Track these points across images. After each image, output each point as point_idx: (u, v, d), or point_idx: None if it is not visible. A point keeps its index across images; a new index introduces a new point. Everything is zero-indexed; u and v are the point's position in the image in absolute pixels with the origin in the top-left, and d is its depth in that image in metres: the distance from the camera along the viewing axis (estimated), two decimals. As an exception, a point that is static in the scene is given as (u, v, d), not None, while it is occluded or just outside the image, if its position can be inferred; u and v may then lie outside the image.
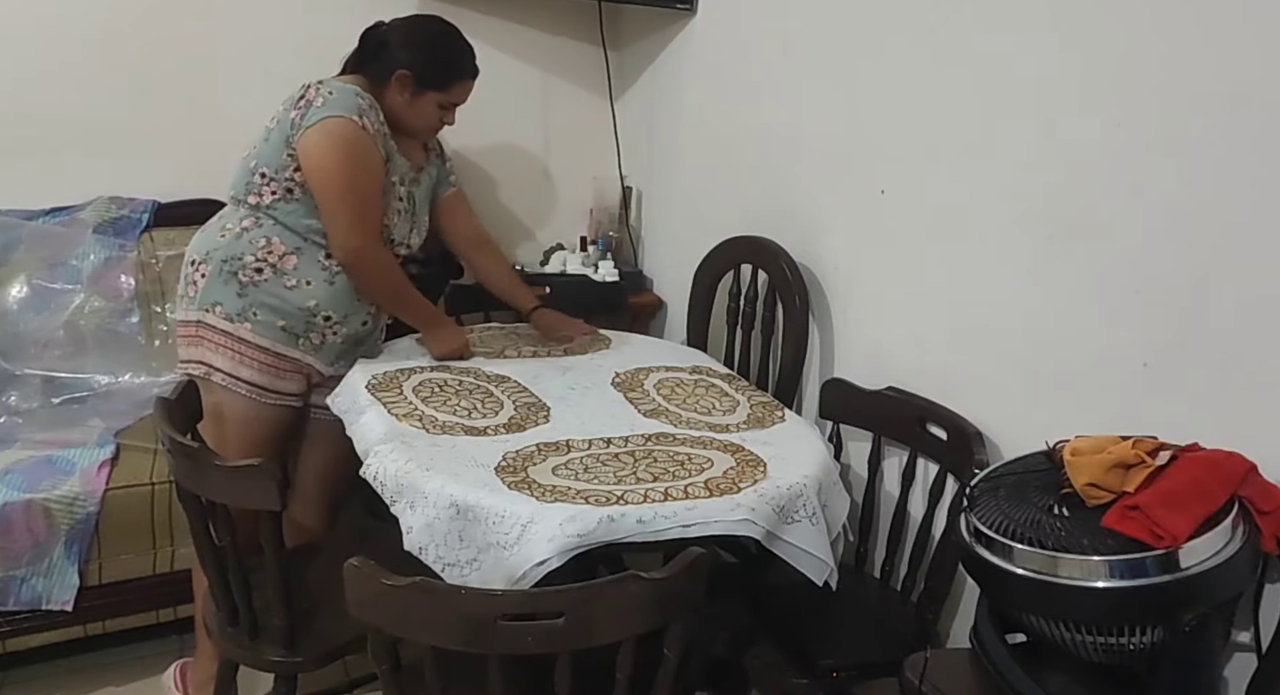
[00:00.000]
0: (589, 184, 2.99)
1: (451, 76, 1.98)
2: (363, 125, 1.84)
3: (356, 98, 1.85)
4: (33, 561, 1.96)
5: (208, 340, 1.89)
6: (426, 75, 1.95)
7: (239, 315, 1.88)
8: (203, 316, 1.89)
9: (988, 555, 1.25)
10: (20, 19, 2.40)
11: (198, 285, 1.90)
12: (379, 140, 1.88)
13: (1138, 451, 1.24)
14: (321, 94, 1.84)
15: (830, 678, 1.63)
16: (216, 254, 1.89)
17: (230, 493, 1.51)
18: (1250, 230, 1.31)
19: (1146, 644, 1.18)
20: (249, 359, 1.89)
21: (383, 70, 1.95)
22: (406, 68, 1.93)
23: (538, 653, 1.15)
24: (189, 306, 1.91)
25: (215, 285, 1.88)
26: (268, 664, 1.66)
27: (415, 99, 1.96)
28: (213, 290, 1.88)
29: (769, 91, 2.34)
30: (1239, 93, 1.31)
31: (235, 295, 1.88)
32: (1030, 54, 1.63)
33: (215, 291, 1.88)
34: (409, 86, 1.95)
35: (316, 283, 1.91)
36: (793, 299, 2.16)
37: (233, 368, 1.89)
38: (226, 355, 1.89)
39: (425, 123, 2.02)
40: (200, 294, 1.89)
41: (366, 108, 1.86)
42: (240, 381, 1.89)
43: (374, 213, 1.89)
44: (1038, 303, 1.65)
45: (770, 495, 1.45)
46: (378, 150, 1.88)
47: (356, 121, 1.83)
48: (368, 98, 1.88)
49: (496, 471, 1.49)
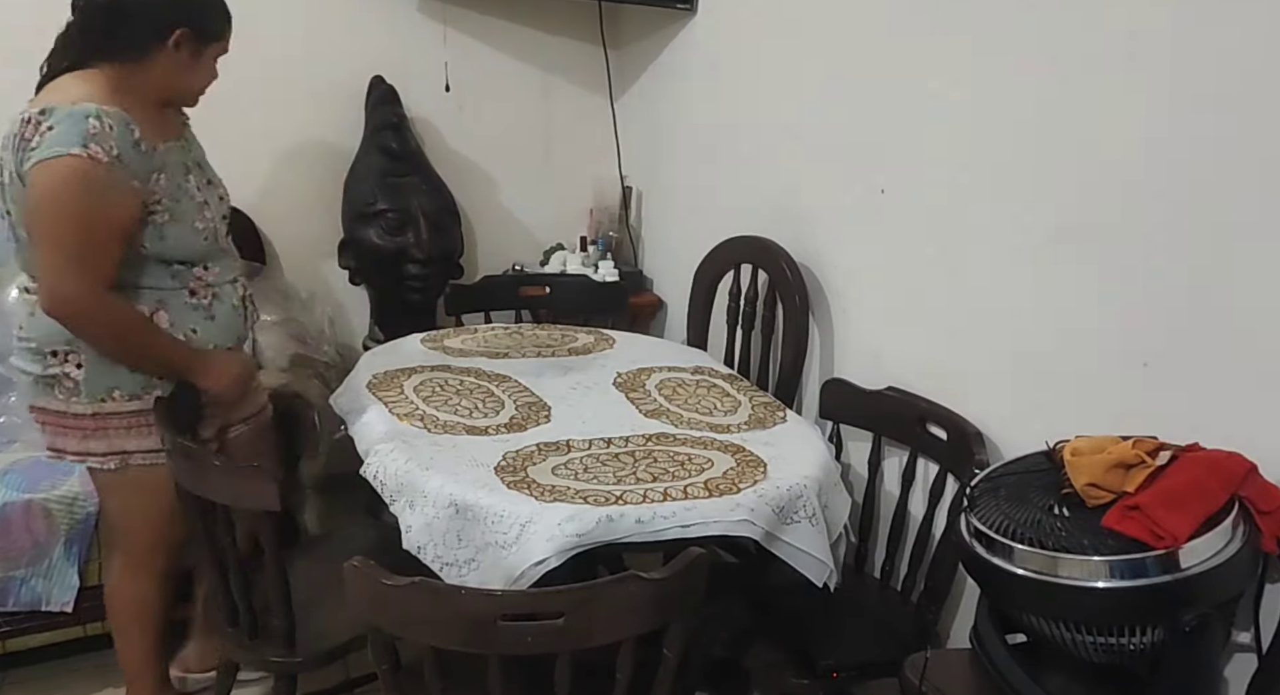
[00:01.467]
0: (589, 184, 2.99)
1: (226, 24, 1.71)
2: (91, 155, 1.49)
3: (86, 121, 1.50)
4: (32, 562, 1.96)
5: (114, 428, 1.68)
6: (207, 27, 1.66)
7: (145, 388, 1.67)
8: (100, 407, 1.65)
9: (988, 555, 1.25)
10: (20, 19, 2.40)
11: (75, 377, 1.64)
12: (127, 163, 1.54)
13: (1138, 451, 1.24)
14: (40, 130, 1.51)
15: (830, 678, 1.63)
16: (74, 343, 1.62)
17: (229, 493, 1.51)
18: (1249, 230, 1.31)
19: (1147, 644, 1.18)
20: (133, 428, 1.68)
21: (140, 44, 1.60)
22: (184, 25, 1.61)
23: (537, 653, 1.15)
24: (72, 399, 1.65)
25: (102, 371, 1.64)
26: (268, 664, 1.65)
27: (197, 60, 1.66)
28: (101, 377, 1.64)
29: (769, 92, 2.34)
30: (1239, 93, 1.31)
31: (129, 372, 1.65)
32: (1029, 54, 1.63)
33: (106, 378, 1.64)
34: (188, 46, 1.63)
35: (200, 325, 1.71)
36: (793, 299, 2.16)
37: (153, 443, 1.67)
38: (143, 433, 1.68)
39: (204, 82, 1.72)
40: (87, 385, 1.64)
41: (99, 129, 1.51)
42: (164, 452, 1.63)
43: (102, 256, 1.56)
44: (1038, 303, 1.65)
45: (770, 496, 1.45)
46: (118, 181, 1.54)
47: (82, 155, 1.49)
48: (106, 115, 1.52)
49: (496, 471, 1.49)
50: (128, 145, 1.55)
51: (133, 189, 1.57)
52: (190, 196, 1.69)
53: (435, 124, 2.87)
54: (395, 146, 2.63)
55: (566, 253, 2.95)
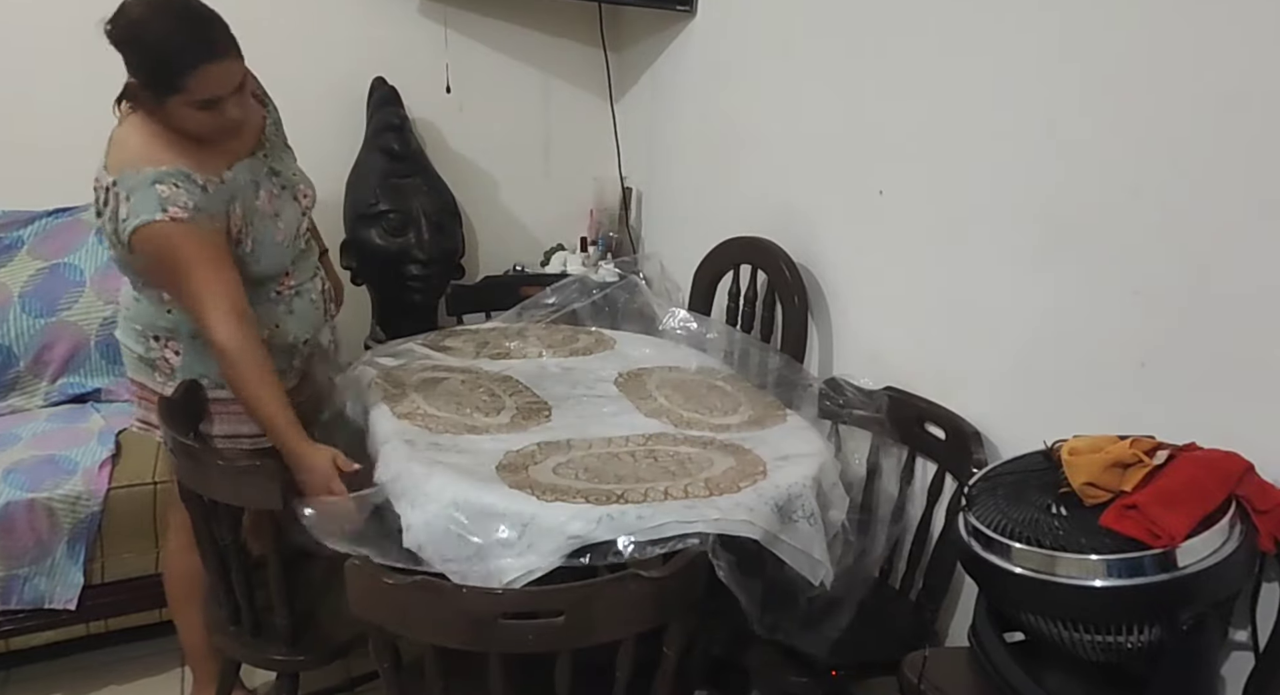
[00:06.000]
0: (589, 184, 3.00)
1: (176, 72, 1.51)
2: (172, 217, 1.52)
3: (152, 189, 1.53)
4: (36, 560, 1.97)
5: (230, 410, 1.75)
6: (152, 82, 1.55)
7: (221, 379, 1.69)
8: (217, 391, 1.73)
9: (986, 554, 1.26)
10: (21, 19, 2.41)
11: (171, 363, 1.73)
12: (199, 212, 1.56)
13: (1135, 451, 1.24)
14: (121, 201, 1.55)
15: (830, 676, 1.63)
16: (181, 329, 1.70)
17: (232, 492, 1.52)
18: (1247, 230, 1.32)
19: (1144, 642, 1.19)
20: (243, 415, 1.70)
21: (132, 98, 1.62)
22: (135, 78, 1.56)
23: (538, 651, 1.15)
24: (166, 382, 1.74)
25: (194, 359, 1.72)
26: (270, 662, 1.66)
27: (165, 112, 1.57)
28: (194, 365, 1.72)
29: (768, 92, 2.35)
30: (1237, 93, 1.32)
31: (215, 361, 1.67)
32: (1028, 54, 1.64)
33: (197, 365, 1.72)
34: (148, 102, 1.57)
35: (282, 319, 1.78)
36: (792, 299, 2.16)
37: (233, 428, 1.77)
38: (223, 419, 1.76)
39: (206, 127, 1.60)
40: (180, 371, 1.73)
41: (167, 192, 1.53)
42: (243, 437, 1.77)
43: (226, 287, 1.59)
44: (1036, 302, 1.65)
45: (769, 495, 1.46)
46: (203, 227, 1.57)
47: (164, 219, 1.52)
48: (166, 177, 1.54)
49: (497, 470, 1.50)
50: (196, 193, 1.57)
51: (216, 229, 1.61)
52: (262, 214, 1.72)
53: (436, 125, 2.88)
54: (397, 147, 2.63)
55: (566, 253, 2.96)
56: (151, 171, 1.55)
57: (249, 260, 1.69)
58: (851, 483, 1.97)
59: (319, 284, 1.88)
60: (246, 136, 1.73)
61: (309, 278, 1.85)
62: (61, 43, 2.43)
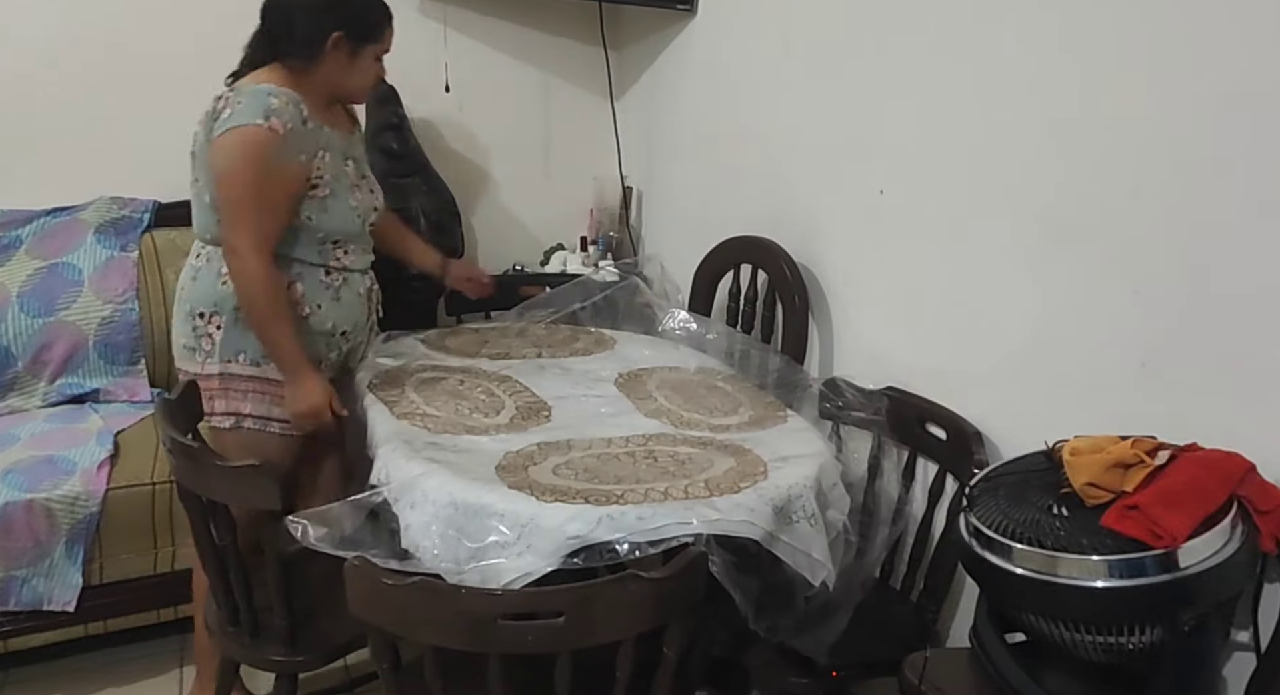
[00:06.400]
0: (589, 184, 2.99)
1: (382, 23, 1.89)
2: (270, 127, 1.70)
3: (268, 98, 1.72)
4: (34, 561, 1.97)
5: (234, 390, 1.83)
6: (359, 31, 1.84)
7: (265, 357, 1.80)
8: (226, 367, 1.81)
9: (987, 555, 1.26)
10: (21, 19, 2.40)
11: (214, 338, 1.81)
12: (294, 138, 1.74)
13: (1136, 451, 1.24)
14: (231, 104, 1.73)
15: (830, 677, 1.63)
16: (227, 304, 1.79)
17: (231, 493, 1.51)
18: (1247, 230, 1.32)
19: (1146, 643, 1.19)
20: (278, 396, 1.82)
21: (306, 47, 1.80)
22: (339, 29, 1.80)
23: (538, 652, 1.15)
24: (206, 360, 1.82)
25: (235, 335, 1.80)
26: (269, 663, 1.66)
27: (355, 60, 1.85)
28: (234, 340, 1.80)
29: (768, 92, 2.35)
30: (1237, 93, 1.32)
31: (256, 340, 1.79)
32: (1028, 54, 1.63)
33: (237, 341, 1.80)
34: (344, 47, 1.82)
35: (326, 303, 1.85)
36: (792, 299, 2.16)
37: (265, 410, 1.83)
38: (256, 399, 1.83)
39: (367, 80, 1.91)
40: (220, 347, 1.81)
41: (279, 106, 1.72)
42: (273, 421, 1.84)
43: (271, 222, 1.74)
44: (1036, 302, 1.65)
45: (769, 496, 1.45)
46: (289, 154, 1.73)
47: (263, 125, 1.69)
48: (283, 94, 1.74)
49: (497, 471, 1.50)
50: (298, 121, 1.74)
51: (300, 162, 1.76)
52: (348, 178, 1.87)
53: (436, 124, 2.88)
54: (396, 147, 2.63)
55: (566, 253, 2.95)
56: (273, 87, 1.74)
57: (317, 210, 1.80)
58: (852, 483, 1.97)
59: (368, 282, 1.96)
60: (342, 117, 1.95)
61: (361, 270, 1.93)
62: (62, 43, 2.44)
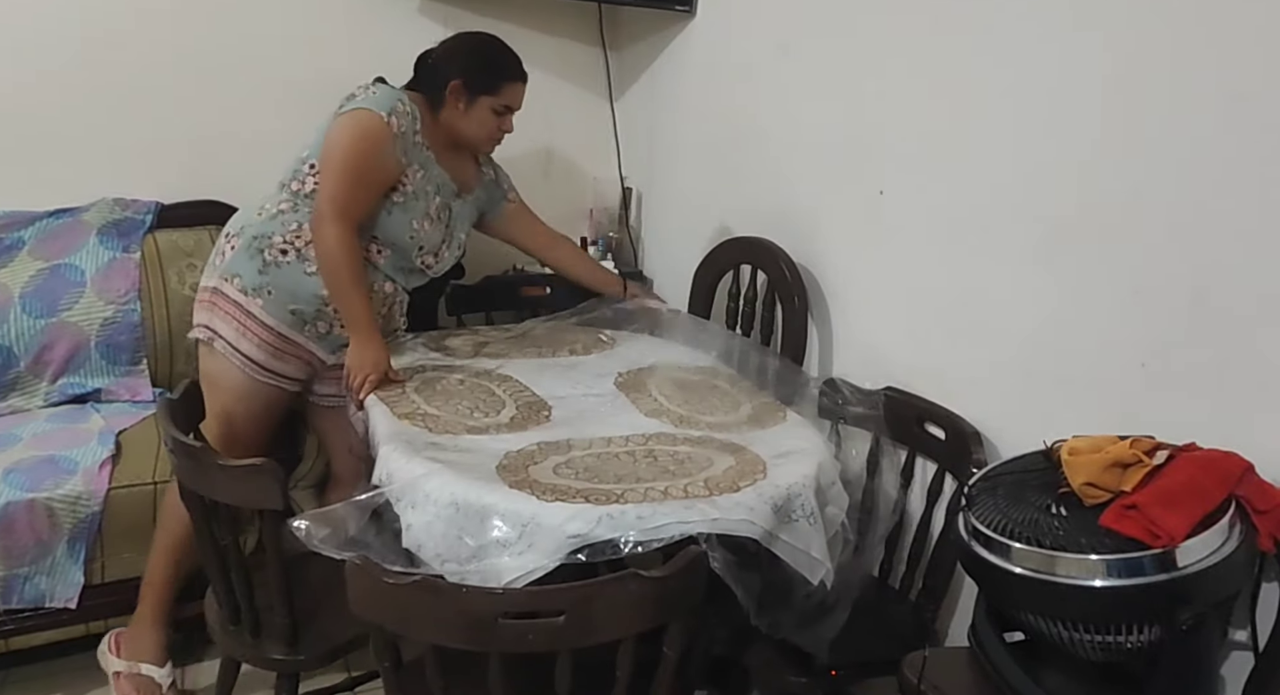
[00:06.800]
0: (589, 184, 3.00)
1: (500, 79, 2.06)
2: (389, 122, 1.90)
3: (397, 100, 1.94)
4: (36, 560, 1.97)
5: (219, 308, 1.95)
6: (476, 81, 2.03)
7: (254, 290, 1.93)
8: (220, 284, 1.96)
9: (986, 554, 1.26)
10: (22, 19, 2.41)
11: (225, 256, 1.98)
12: (403, 141, 1.94)
13: (1135, 451, 1.24)
14: (366, 91, 1.95)
15: (829, 676, 1.64)
16: (249, 230, 1.96)
17: (233, 492, 1.52)
18: (1248, 230, 1.32)
19: (1144, 642, 1.19)
20: (252, 334, 1.94)
21: (436, 89, 2.04)
22: (458, 77, 2.02)
23: (538, 651, 1.15)
24: (212, 274, 1.99)
25: (240, 258, 1.95)
26: (270, 662, 1.66)
27: (470, 107, 2.04)
28: (237, 262, 1.95)
29: (768, 92, 2.35)
30: (1239, 93, 1.32)
31: (256, 271, 1.94)
32: (1029, 54, 1.64)
33: (239, 264, 1.95)
34: (462, 95, 2.03)
35: None
36: (792, 299, 2.17)
37: (235, 339, 1.94)
38: (233, 325, 1.94)
39: (484, 131, 2.09)
40: (225, 264, 1.96)
41: (403, 111, 1.94)
42: (238, 353, 1.95)
43: (360, 198, 1.91)
44: (1036, 302, 1.65)
45: (769, 494, 1.46)
46: (394, 150, 1.93)
47: (384, 117, 1.90)
48: (412, 107, 1.97)
49: (497, 470, 1.50)
50: (411, 130, 1.97)
51: (399, 162, 1.95)
52: (426, 205, 2.03)
53: (436, 125, 2.87)
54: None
55: (567, 253, 2.95)
56: (404, 94, 1.99)
57: (382, 212, 1.97)
58: (851, 482, 1.97)
59: (391, 288, 2.07)
60: (462, 166, 2.17)
61: (387, 275, 2.05)
62: (62, 44, 2.44)
